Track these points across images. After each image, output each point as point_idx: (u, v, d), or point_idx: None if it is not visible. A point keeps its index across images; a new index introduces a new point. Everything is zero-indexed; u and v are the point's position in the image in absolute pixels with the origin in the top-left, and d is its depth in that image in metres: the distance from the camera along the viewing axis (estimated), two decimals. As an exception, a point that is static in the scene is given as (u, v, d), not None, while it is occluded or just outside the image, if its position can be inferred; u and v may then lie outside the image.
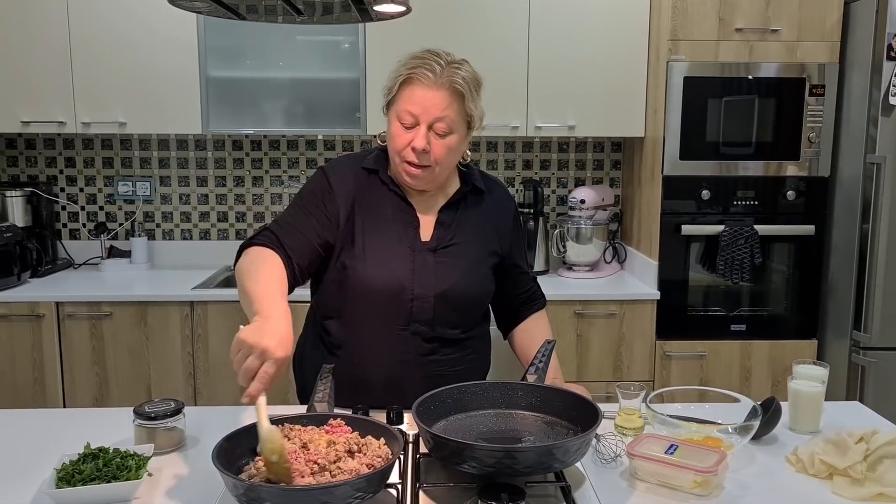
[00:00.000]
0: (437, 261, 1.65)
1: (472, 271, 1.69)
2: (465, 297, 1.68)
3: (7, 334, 2.81)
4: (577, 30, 3.02)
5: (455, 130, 1.59)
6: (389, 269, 1.62)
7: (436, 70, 1.56)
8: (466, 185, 1.73)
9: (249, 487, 1.12)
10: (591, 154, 3.48)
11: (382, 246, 1.64)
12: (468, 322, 1.71)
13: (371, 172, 1.70)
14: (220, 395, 2.88)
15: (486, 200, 1.75)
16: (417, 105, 1.56)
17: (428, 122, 1.56)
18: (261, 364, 1.21)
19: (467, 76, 1.59)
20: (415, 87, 1.56)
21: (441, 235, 1.67)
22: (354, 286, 1.62)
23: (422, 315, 1.63)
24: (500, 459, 1.21)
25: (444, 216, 1.69)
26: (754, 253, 2.86)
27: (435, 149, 1.58)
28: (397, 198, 1.68)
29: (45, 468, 1.32)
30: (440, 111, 1.56)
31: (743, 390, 2.90)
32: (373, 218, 1.65)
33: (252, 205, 3.44)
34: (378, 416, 1.52)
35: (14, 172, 3.39)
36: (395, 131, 1.60)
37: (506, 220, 1.78)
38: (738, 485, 1.33)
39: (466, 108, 1.59)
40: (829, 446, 1.36)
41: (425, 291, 1.63)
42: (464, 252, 1.68)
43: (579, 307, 2.91)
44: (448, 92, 1.56)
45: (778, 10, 2.81)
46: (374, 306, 1.63)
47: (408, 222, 1.67)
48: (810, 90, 2.85)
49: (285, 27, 3.02)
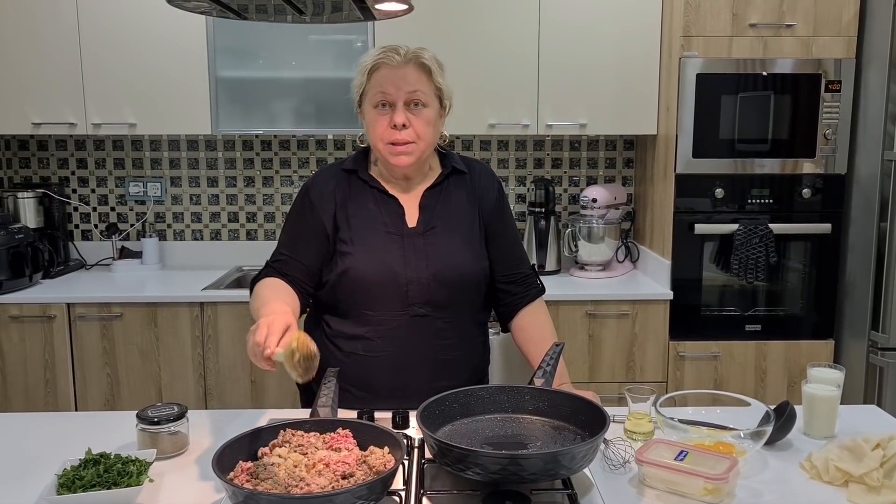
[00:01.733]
0: (426, 243, 1.68)
1: (463, 249, 1.71)
2: (460, 275, 1.69)
3: (19, 335, 2.82)
4: (587, 26, 2.98)
5: (429, 104, 1.66)
6: (380, 258, 1.65)
7: (400, 52, 1.64)
8: (446, 167, 1.76)
9: (249, 495, 1.10)
10: (603, 152, 3.44)
11: (371, 237, 1.67)
12: (467, 303, 1.73)
13: (350, 173, 1.74)
14: (231, 396, 2.87)
15: (468, 180, 1.78)
16: (389, 84, 1.63)
17: (402, 98, 1.63)
18: (266, 332, 1.30)
19: (430, 56, 1.67)
20: (382, 70, 1.64)
21: (427, 218, 1.71)
22: (349, 281, 1.66)
23: (418, 298, 1.65)
24: (504, 466, 1.18)
25: (427, 199, 1.73)
26: (769, 252, 2.82)
27: (415, 123, 1.64)
28: (379, 192, 1.72)
29: (49, 472, 1.31)
30: (412, 85, 1.63)
31: (758, 391, 2.86)
32: (358, 214, 1.70)
33: (262, 205, 3.43)
34: (384, 416, 1.51)
35: (26, 174, 3.40)
36: (373, 118, 1.66)
37: (489, 195, 1.79)
38: (750, 492, 1.29)
39: (435, 81, 1.66)
40: (844, 452, 1.33)
41: (419, 274, 1.65)
42: (452, 231, 1.71)
43: (591, 307, 2.88)
44: (415, 67, 1.64)
45: (793, 5, 2.76)
46: (372, 296, 1.66)
47: (392, 211, 1.70)
48: (826, 86, 2.79)
49: (295, 27, 3.01)
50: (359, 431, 1.32)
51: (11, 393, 2.85)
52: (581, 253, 3.19)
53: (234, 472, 1.21)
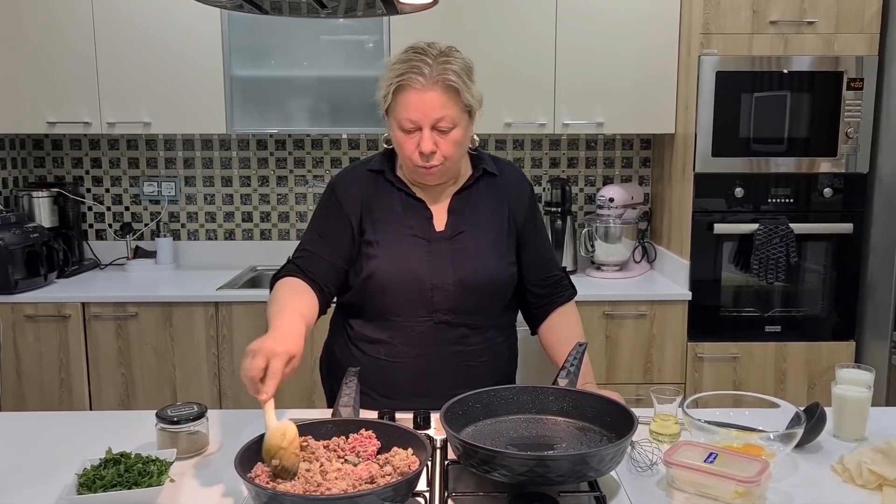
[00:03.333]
0: (453, 248, 1.64)
1: (490, 255, 1.67)
2: (485, 282, 1.65)
3: (34, 335, 2.82)
4: (605, 23, 2.95)
5: (457, 123, 1.57)
6: (405, 263, 1.62)
7: (424, 72, 1.53)
8: (477, 170, 1.72)
9: (273, 496, 1.08)
10: (620, 151, 3.41)
11: (396, 241, 1.64)
12: (493, 309, 1.69)
13: (377, 174, 1.70)
14: (246, 396, 2.84)
15: (499, 183, 1.73)
16: (415, 111, 1.54)
17: (429, 124, 1.55)
18: (265, 365, 1.28)
19: (458, 68, 1.56)
20: (408, 93, 1.54)
21: (455, 223, 1.66)
22: (374, 284, 1.63)
23: (443, 304, 1.62)
24: (531, 468, 1.16)
25: (456, 203, 1.68)
26: (790, 252, 2.78)
27: (442, 146, 1.57)
28: (406, 195, 1.68)
29: (68, 472, 1.30)
30: (438, 112, 1.54)
31: (778, 393, 2.82)
32: (384, 217, 1.66)
33: (277, 204, 3.42)
34: (404, 417, 1.49)
35: (41, 173, 3.41)
36: (400, 139, 1.60)
37: (521, 201, 1.74)
38: (782, 495, 1.27)
39: (463, 99, 1.56)
40: (877, 455, 1.30)
41: (443, 280, 1.62)
42: (479, 236, 1.67)
43: (608, 308, 2.85)
44: (442, 90, 1.53)
45: (814, 2, 2.73)
46: (396, 301, 1.63)
47: (419, 215, 1.66)
48: (848, 84, 2.76)
49: (310, 26, 3.00)
50: (382, 432, 1.30)
51: (27, 392, 2.84)
52: (598, 253, 3.16)
53: (253, 472, 1.20)
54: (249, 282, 3.17)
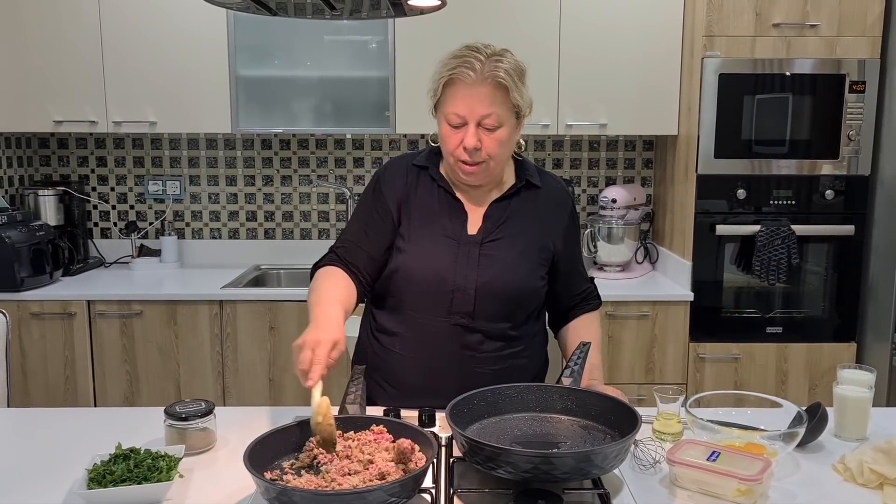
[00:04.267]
0: (481, 254, 1.64)
1: (517, 266, 1.66)
2: (508, 291, 1.64)
3: (39, 332, 2.83)
4: (608, 25, 2.97)
5: (504, 123, 1.58)
6: (431, 261, 1.63)
7: (476, 67, 1.54)
8: (520, 180, 1.71)
9: (282, 491, 1.10)
10: (623, 153, 3.43)
11: (427, 238, 1.65)
12: (513, 318, 1.67)
13: (422, 169, 1.71)
14: (249, 395, 2.88)
15: (541, 196, 1.73)
16: (462, 105, 1.55)
17: (475, 120, 1.55)
18: (311, 356, 1.34)
19: (509, 67, 1.57)
20: (458, 87, 1.55)
21: (488, 229, 1.66)
22: (398, 276, 1.64)
23: (462, 307, 1.62)
24: (536, 465, 1.18)
25: (494, 210, 1.68)
26: (791, 253, 2.79)
27: (486, 144, 1.57)
28: (446, 193, 1.68)
29: (77, 467, 1.31)
30: (486, 108, 1.55)
31: (779, 394, 2.81)
32: (420, 213, 1.67)
33: (281, 204, 3.44)
34: (410, 415, 1.50)
35: (47, 172, 3.42)
36: (445, 133, 1.60)
37: (561, 218, 1.75)
38: (784, 494, 1.28)
39: (512, 98, 1.57)
40: (878, 455, 1.31)
41: (466, 284, 1.62)
42: (510, 246, 1.66)
43: (611, 308, 2.86)
44: (491, 87, 1.54)
45: (817, 5, 2.74)
46: (417, 296, 1.64)
47: (455, 216, 1.67)
48: (850, 87, 2.77)
49: (314, 26, 3.01)
50: (388, 429, 1.32)
51: (32, 389, 2.86)
52: (600, 254, 3.18)
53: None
54: (253, 280, 3.19)
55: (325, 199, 3.44)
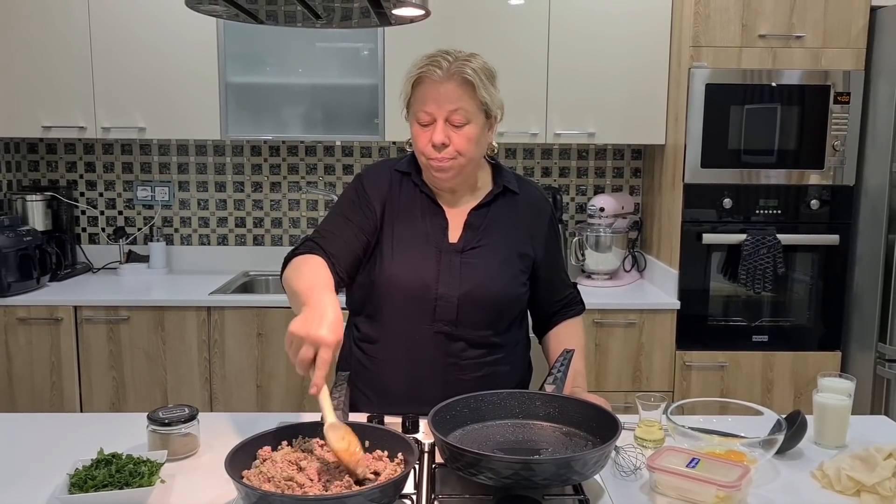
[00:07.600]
0: (463, 262, 1.64)
1: (499, 273, 1.66)
2: (490, 299, 1.65)
3: (26, 337, 2.83)
4: (597, 36, 2.99)
5: (472, 120, 1.60)
6: (414, 269, 1.63)
7: (443, 66, 1.57)
8: (497, 185, 1.72)
9: (263, 496, 1.10)
10: (611, 161, 3.45)
11: (409, 246, 1.65)
12: (496, 326, 1.68)
13: (404, 175, 1.72)
14: (237, 401, 2.87)
15: (520, 202, 1.73)
16: (430, 102, 1.58)
17: (443, 116, 1.58)
18: (315, 352, 1.25)
19: (477, 66, 1.60)
20: (426, 84, 1.58)
21: (469, 237, 1.67)
22: (381, 284, 1.64)
23: (445, 315, 1.62)
24: (517, 471, 1.18)
25: (473, 218, 1.69)
26: (777, 262, 2.81)
27: (455, 141, 1.59)
28: (428, 199, 1.69)
29: (60, 473, 1.31)
30: (452, 103, 1.57)
31: (765, 402, 2.85)
32: (402, 218, 1.67)
33: (270, 210, 3.44)
34: (394, 421, 1.51)
35: (35, 177, 3.42)
36: (416, 132, 1.62)
37: (540, 224, 1.75)
38: (762, 500, 1.29)
39: (479, 96, 1.59)
40: (856, 462, 1.33)
41: (449, 292, 1.62)
42: (491, 254, 1.67)
43: (598, 316, 2.87)
44: (458, 83, 1.57)
45: (802, 17, 2.77)
46: (400, 304, 1.63)
47: (436, 223, 1.67)
48: (835, 98, 2.80)
49: (305, 34, 3.03)
50: (369, 435, 1.32)
51: (18, 394, 2.85)
52: (588, 262, 3.19)
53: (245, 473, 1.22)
54: (242, 287, 3.18)
55: (314, 205, 3.45)
